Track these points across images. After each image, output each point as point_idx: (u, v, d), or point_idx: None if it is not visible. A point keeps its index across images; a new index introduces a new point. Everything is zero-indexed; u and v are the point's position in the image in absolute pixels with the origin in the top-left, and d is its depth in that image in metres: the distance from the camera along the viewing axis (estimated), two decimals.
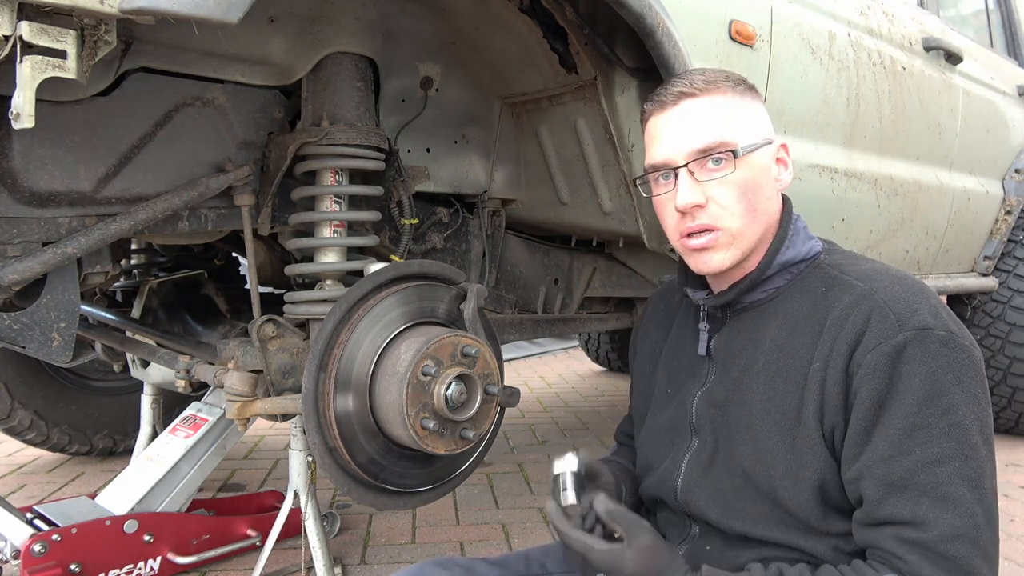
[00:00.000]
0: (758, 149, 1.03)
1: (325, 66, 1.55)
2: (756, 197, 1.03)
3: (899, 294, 0.95)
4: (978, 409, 0.90)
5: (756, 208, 1.03)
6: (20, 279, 1.26)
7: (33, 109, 0.91)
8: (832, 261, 1.06)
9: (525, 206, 2.10)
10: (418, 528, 2.30)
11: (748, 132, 1.03)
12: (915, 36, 2.60)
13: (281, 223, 1.66)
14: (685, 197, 1.02)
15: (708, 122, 1.03)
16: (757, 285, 1.07)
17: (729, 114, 1.03)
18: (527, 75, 1.81)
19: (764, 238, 1.06)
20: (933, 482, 0.87)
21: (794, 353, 1.00)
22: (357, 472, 1.36)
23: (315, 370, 1.32)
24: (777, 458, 0.98)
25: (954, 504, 0.86)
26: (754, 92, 1.08)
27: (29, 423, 2.64)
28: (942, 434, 0.88)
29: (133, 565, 1.80)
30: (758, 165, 1.04)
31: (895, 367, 0.90)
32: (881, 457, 0.90)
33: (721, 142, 1.02)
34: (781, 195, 1.11)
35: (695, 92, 1.03)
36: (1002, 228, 3.35)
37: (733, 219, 1.02)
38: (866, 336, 0.93)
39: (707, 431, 1.08)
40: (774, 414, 1.00)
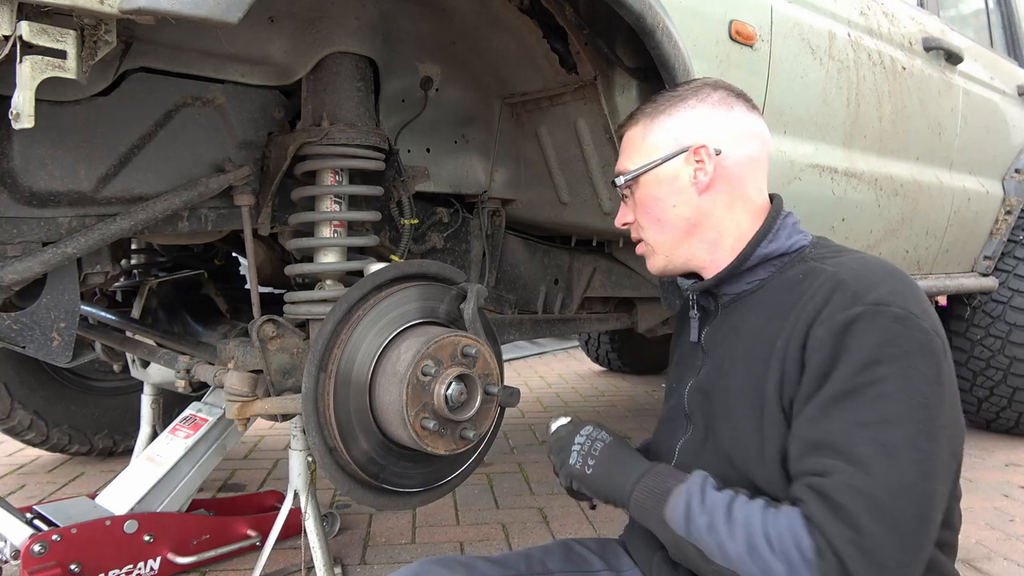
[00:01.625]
0: (652, 169, 1.16)
1: (325, 66, 1.55)
2: (657, 209, 1.16)
3: (863, 274, 0.99)
4: (916, 386, 0.90)
5: (661, 218, 1.16)
6: (20, 279, 1.26)
7: (33, 109, 0.91)
8: (816, 254, 1.10)
9: (525, 206, 2.10)
10: (418, 528, 2.30)
11: (644, 155, 1.17)
12: (915, 36, 2.60)
13: (281, 223, 1.66)
14: (616, 219, 1.26)
15: (622, 153, 1.23)
16: (737, 276, 1.12)
17: (630, 146, 1.21)
18: (527, 75, 1.81)
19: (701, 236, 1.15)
20: (847, 442, 0.90)
21: (768, 338, 1.04)
22: (357, 472, 1.36)
23: (315, 370, 1.32)
24: (750, 439, 1.03)
25: (861, 463, 0.88)
26: (673, 108, 1.16)
27: (29, 423, 2.64)
28: (870, 402, 0.90)
29: (133, 565, 1.80)
30: (653, 182, 1.16)
31: (843, 338, 0.93)
32: (808, 419, 0.94)
33: (618, 172, 1.21)
34: (769, 193, 1.18)
35: (623, 127, 1.24)
36: (1002, 228, 3.34)
37: (647, 232, 1.20)
38: (823, 311, 0.97)
39: (697, 417, 1.14)
40: (747, 397, 1.04)
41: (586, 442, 1.14)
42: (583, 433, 1.16)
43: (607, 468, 1.11)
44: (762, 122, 1.19)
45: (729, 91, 1.17)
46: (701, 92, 1.16)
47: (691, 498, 0.98)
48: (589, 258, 2.33)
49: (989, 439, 3.56)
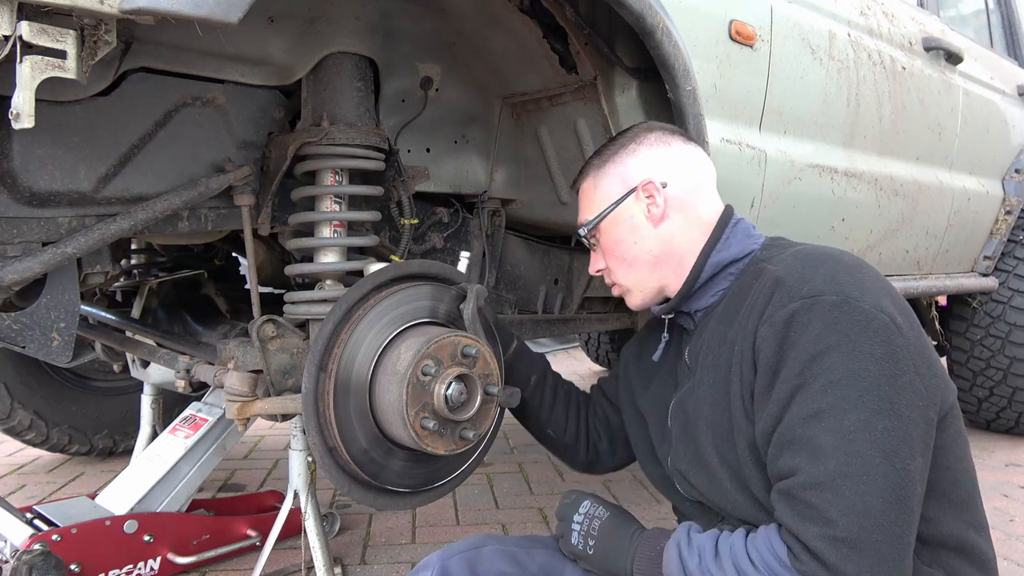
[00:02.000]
0: (607, 215, 1.24)
1: (325, 66, 1.55)
2: (622, 250, 1.24)
3: (796, 267, 1.02)
4: (864, 367, 0.91)
5: (626, 258, 1.24)
6: (20, 279, 1.26)
7: (33, 109, 0.91)
8: (765, 255, 1.13)
9: (525, 206, 2.10)
10: (418, 528, 2.30)
11: (599, 204, 1.25)
12: (915, 36, 2.60)
13: (281, 223, 1.66)
14: (589, 268, 1.35)
15: (580, 208, 1.31)
16: (699, 290, 1.18)
17: (585, 198, 1.29)
18: (527, 75, 1.81)
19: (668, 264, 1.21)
20: (807, 436, 0.92)
21: (728, 344, 1.08)
22: (357, 472, 1.36)
23: (315, 370, 1.32)
24: (724, 442, 1.06)
25: (820, 455, 0.90)
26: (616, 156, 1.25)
27: (29, 423, 2.64)
28: (820, 391, 0.92)
29: (133, 565, 1.80)
30: (612, 226, 1.24)
31: (786, 335, 0.96)
32: (772, 420, 0.96)
33: (579, 224, 1.29)
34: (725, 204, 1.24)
35: (573, 185, 1.33)
36: (1002, 228, 3.35)
37: (619, 275, 1.27)
38: (766, 311, 1.00)
39: (677, 430, 1.20)
40: (716, 404, 1.08)
41: (584, 521, 1.17)
42: (581, 511, 1.18)
43: (606, 547, 1.13)
44: (699, 149, 1.28)
45: (663, 129, 1.26)
46: (639, 136, 1.25)
47: (680, 546, 1.02)
48: (589, 258, 2.32)
49: (989, 439, 3.56)
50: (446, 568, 1.13)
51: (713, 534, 1.02)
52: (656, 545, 1.06)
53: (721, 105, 1.76)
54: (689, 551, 1.00)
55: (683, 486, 1.21)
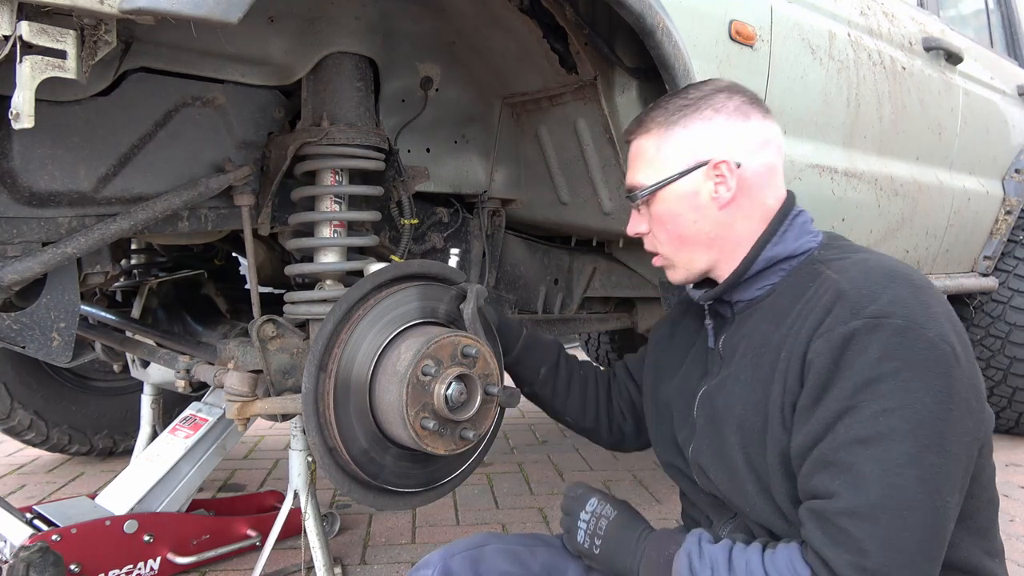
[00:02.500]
0: (669, 184, 1.12)
1: (325, 66, 1.55)
2: (676, 226, 1.14)
3: (863, 282, 0.96)
4: (920, 400, 0.88)
5: (681, 235, 1.14)
6: (20, 279, 1.26)
7: (33, 109, 0.91)
8: (823, 256, 1.08)
9: (525, 206, 2.10)
10: (418, 528, 2.30)
11: (660, 169, 1.13)
12: (915, 36, 2.60)
13: (281, 223, 1.66)
14: (628, 227, 1.22)
15: (631, 166, 1.19)
16: (744, 281, 1.11)
17: (642, 157, 1.16)
18: (527, 75, 1.81)
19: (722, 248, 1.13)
20: (850, 461, 0.89)
21: (775, 346, 1.03)
22: (357, 472, 1.36)
23: (315, 370, 1.32)
24: (754, 446, 1.03)
25: (863, 483, 0.87)
26: (687, 119, 1.12)
27: (29, 423, 2.64)
28: (871, 418, 0.88)
29: (133, 565, 1.80)
30: (672, 197, 1.13)
31: (842, 353, 0.92)
32: (814, 436, 0.93)
33: (631, 186, 1.18)
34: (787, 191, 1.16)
35: (632, 134, 1.19)
36: (1002, 228, 3.35)
37: (663, 247, 1.18)
38: (824, 323, 0.95)
39: (702, 423, 1.14)
40: (751, 405, 1.04)
41: (591, 520, 1.13)
42: (588, 509, 1.15)
43: (613, 547, 1.10)
44: (777, 126, 1.16)
45: (744, 98, 1.14)
46: (716, 101, 1.12)
47: (691, 558, 0.99)
48: (589, 258, 2.33)
49: None
50: (448, 567, 1.12)
51: (726, 545, 0.98)
52: (664, 551, 1.03)
53: None
54: (701, 563, 0.97)
55: (701, 479, 1.17)
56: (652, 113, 1.16)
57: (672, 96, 1.17)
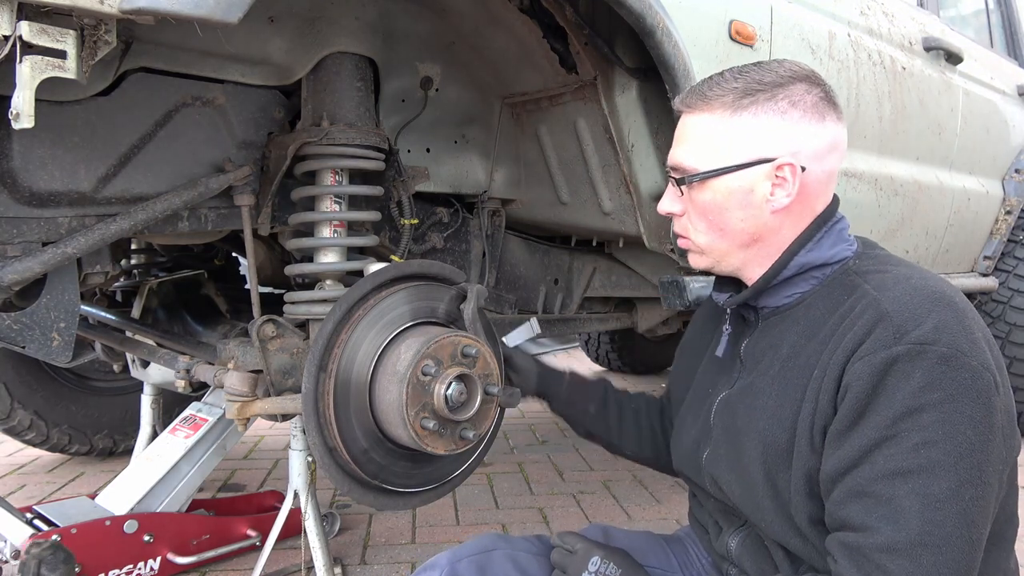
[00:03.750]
0: (724, 175, 1.02)
1: (325, 66, 1.55)
2: (721, 219, 1.04)
3: (907, 304, 0.91)
4: (962, 432, 0.85)
5: (723, 228, 1.04)
6: (20, 279, 1.26)
7: (33, 109, 0.91)
8: (860, 267, 1.02)
9: (525, 206, 2.10)
10: (418, 528, 2.30)
11: (717, 156, 1.02)
12: (915, 36, 2.60)
13: (281, 223, 1.66)
14: (661, 205, 1.12)
15: (683, 142, 1.06)
16: (775, 288, 1.05)
17: (702, 136, 1.04)
18: (527, 75, 1.81)
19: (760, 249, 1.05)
20: (889, 495, 0.85)
21: (805, 360, 0.98)
22: (357, 472, 1.36)
23: (315, 370, 1.32)
24: (777, 463, 0.98)
25: (902, 519, 0.84)
26: (759, 105, 1.01)
27: (29, 423, 2.64)
28: (912, 450, 0.85)
29: (133, 565, 1.80)
30: (724, 190, 1.02)
31: (883, 378, 0.87)
32: (848, 463, 0.89)
33: (679, 165, 1.06)
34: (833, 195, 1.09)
35: (688, 108, 1.06)
36: (1002, 228, 3.35)
37: (697, 235, 1.08)
38: (863, 346, 0.90)
39: (719, 431, 1.09)
40: (777, 421, 0.99)
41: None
42: (591, 570, 1.08)
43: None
44: (844, 129, 1.06)
45: (823, 93, 1.03)
46: (794, 91, 1.01)
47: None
48: (589, 258, 2.33)
49: None
50: (455, 571, 1.09)
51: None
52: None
53: None
54: None
55: (712, 487, 1.12)
56: (718, 89, 1.02)
57: (743, 71, 1.03)
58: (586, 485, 2.75)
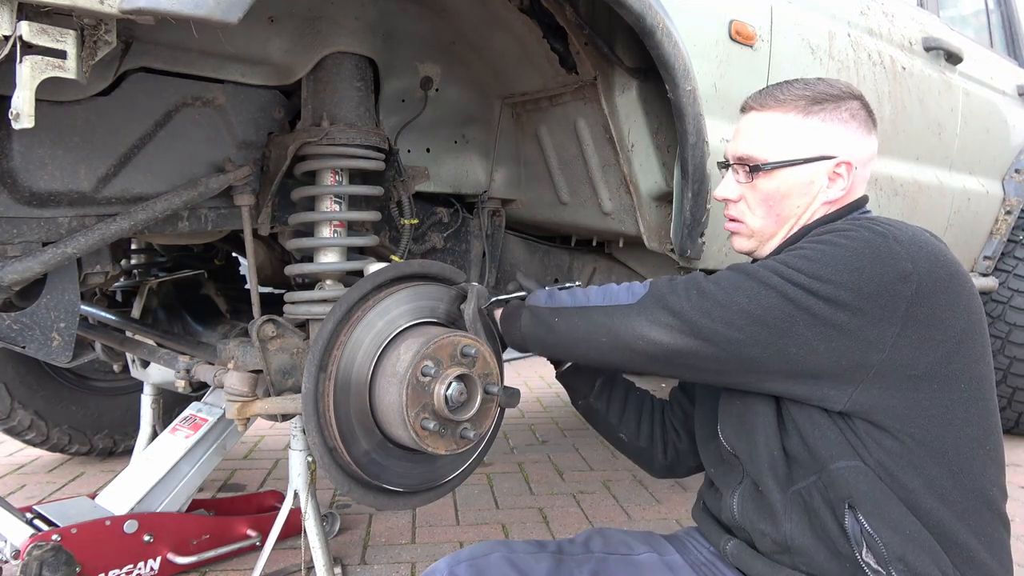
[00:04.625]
0: (791, 166, 1.16)
1: (325, 66, 1.55)
2: (780, 205, 1.18)
3: None
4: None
5: (780, 214, 1.19)
6: (20, 279, 1.26)
7: (33, 109, 0.91)
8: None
9: (525, 206, 2.10)
10: (418, 528, 2.30)
11: (786, 149, 1.17)
12: (915, 36, 2.60)
13: (281, 223, 1.66)
14: (719, 190, 1.25)
15: (753, 135, 1.20)
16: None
17: (775, 132, 1.18)
18: (527, 75, 1.81)
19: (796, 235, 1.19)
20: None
21: None
22: (357, 472, 1.36)
23: (315, 370, 1.32)
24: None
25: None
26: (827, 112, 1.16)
27: (29, 423, 2.64)
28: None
29: (133, 565, 1.80)
30: (789, 179, 1.17)
31: None
32: None
33: (750, 156, 1.19)
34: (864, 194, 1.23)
35: (760, 107, 1.20)
36: (1002, 228, 3.34)
37: (754, 219, 1.21)
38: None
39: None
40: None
41: None
42: None
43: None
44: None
45: (869, 112, 1.20)
46: (852, 106, 1.18)
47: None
48: (589, 258, 2.33)
49: None
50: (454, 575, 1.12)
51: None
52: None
53: (721, 105, 1.76)
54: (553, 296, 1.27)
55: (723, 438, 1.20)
56: (791, 93, 1.18)
57: (812, 83, 1.19)
58: (586, 485, 2.75)
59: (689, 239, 1.68)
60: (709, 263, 1.81)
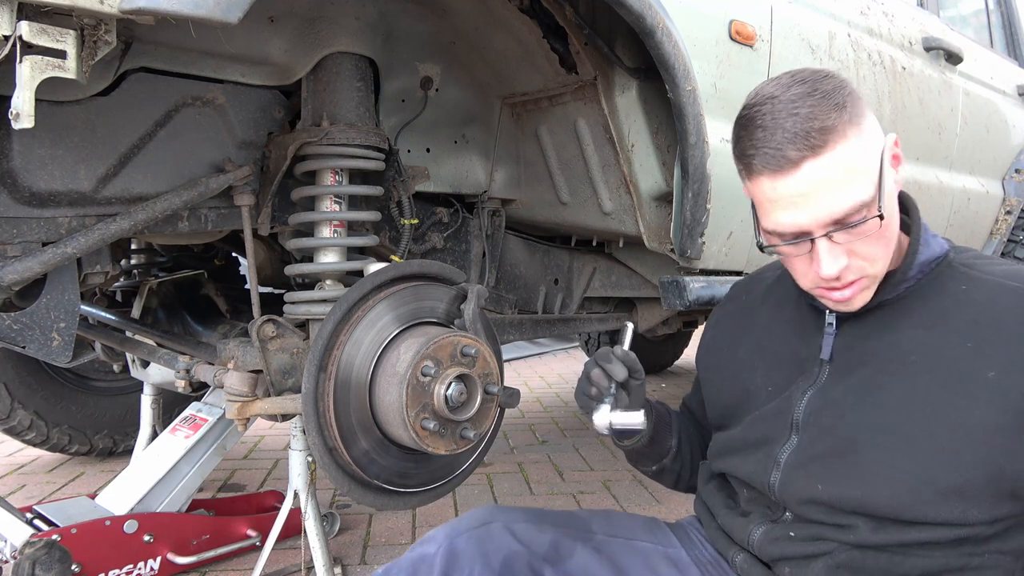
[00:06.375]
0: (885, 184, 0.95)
1: (325, 66, 1.56)
2: (893, 231, 0.99)
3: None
4: None
5: (892, 239, 0.99)
6: (20, 279, 1.26)
7: (33, 109, 0.91)
8: (963, 260, 1.03)
9: (525, 206, 2.11)
10: (418, 528, 2.30)
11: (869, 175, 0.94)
12: (915, 36, 2.60)
13: (281, 223, 1.66)
14: (830, 268, 0.96)
15: (840, 186, 0.93)
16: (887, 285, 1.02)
17: (857, 166, 0.93)
18: (527, 75, 1.81)
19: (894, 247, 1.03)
20: None
21: (939, 354, 0.96)
22: (357, 472, 1.36)
23: (315, 370, 1.32)
24: (914, 464, 0.95)
25: None
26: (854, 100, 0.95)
27: (29, 423, 2.64)
28: None
29: (133, 565, 1.80)
30: (891, 198, 0.96)
31: None
32: None
33: (861, 205, 0.93)
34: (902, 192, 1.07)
35: (816, 151, 0.92)
36: (1002, 228, 3.34)
37: (876, 265, 0.98)
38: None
39: (814, 430, 1.04)
40: (917, 417, 0.95)
41: None
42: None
43: None
44: None
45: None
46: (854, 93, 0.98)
47: None
48: (589, 258, 2.33)
49: None
50: (454, 546, 1.05)
51: None
52: None
53: (721, 105, 1.76)
54: None
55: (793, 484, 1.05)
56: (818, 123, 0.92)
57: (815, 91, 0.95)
58: (586, 485, 2.75)
59: (689, 239, 1.68)
60: (709, 263, 1.81)
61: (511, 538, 1.08)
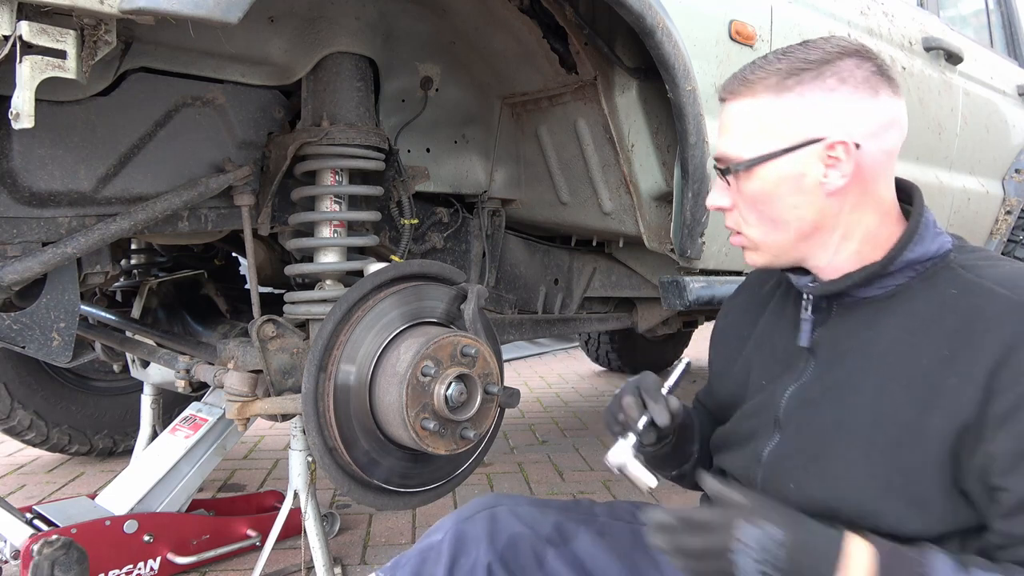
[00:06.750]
0: (771, 160, 0.96)
1: (325, 66, 1.56)
2: (771, 208, 0.98)
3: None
4: None
5: (776, 219, 0.98)
6: (20, 279, 1.26)
7: (33, 109, 0.91)
8: (964, 261, 0.97)
9: (525, 206, 2.11)
10: (418, 528, 2.30)
11: (763, 141, 0.96)
12: (915, 36, 2.60)
13: (281, 223, 1.66)
14: (710, 199, 1.05)
15: (727, 130, 1.00)
16: (874, 280, 0.98)
17: (743, 123, 0.98)
18: (527, 75, 1.81)
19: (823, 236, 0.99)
20: None
21: (916, 360, 0.92)
22: (357, 472, 1.36)
23: (315, 370, 1.32)
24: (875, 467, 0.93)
25: None
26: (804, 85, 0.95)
27: (29, 423, 2.64)
28: None
29: (133, 565, 1.80)
30: (772, 176, 0.96)
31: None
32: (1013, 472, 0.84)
33: (725, 155, 0.99)
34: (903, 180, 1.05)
35: (733, 94, 0.99)
36: (1002, 228, 3.34)
37: (750, 228, 1.01)
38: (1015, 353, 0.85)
39: (792, 428, 1.02)
40: (884, 422, 0.92)
41: (762, 558, 0.84)
42: (748, 543, 0.84)
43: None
44: (903, 104, 1.00)
45: (875, 67, 0.96)
46: (842, 67, 0.95)
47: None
48: (589, 258, 2.33)
49: None
50: (460, 531, 1.06)
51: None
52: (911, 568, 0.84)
53: None
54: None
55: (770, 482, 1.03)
56: (761, 72, 0.96)
57: (787, 52, 0.97)
58: (586, 485, 2.75)
59: (689, 239, 1.69)
60: (709, 263, 1.81)
61: (516, 520, 1.09)
